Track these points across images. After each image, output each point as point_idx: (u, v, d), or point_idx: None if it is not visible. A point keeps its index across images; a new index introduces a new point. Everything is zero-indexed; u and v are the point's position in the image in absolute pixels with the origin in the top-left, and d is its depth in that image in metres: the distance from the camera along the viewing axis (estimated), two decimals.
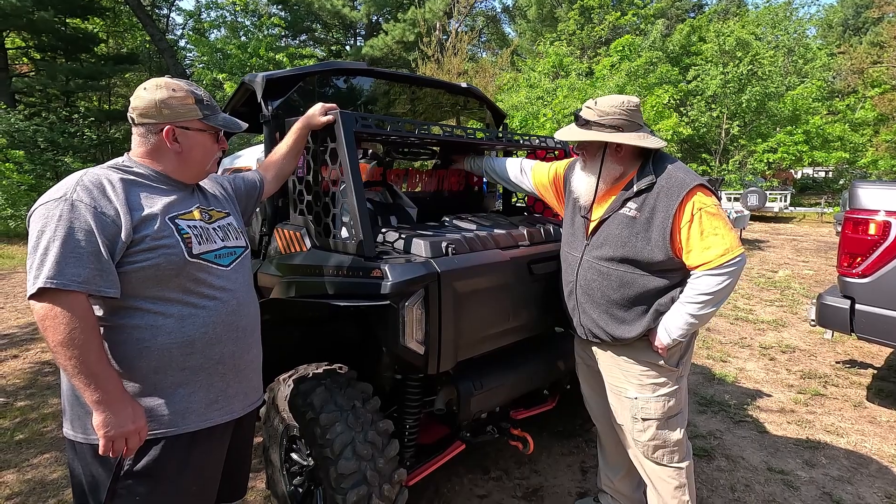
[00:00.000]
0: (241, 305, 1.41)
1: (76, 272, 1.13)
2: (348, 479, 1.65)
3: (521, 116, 12.08)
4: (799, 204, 19.14)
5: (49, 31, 15.83)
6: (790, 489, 2.49)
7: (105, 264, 1.17)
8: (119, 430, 1.17)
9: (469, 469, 2.59)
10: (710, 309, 1.64)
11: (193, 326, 1.29)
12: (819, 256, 9.32)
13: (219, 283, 1.35)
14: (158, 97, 1.30)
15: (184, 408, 1.29)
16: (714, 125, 16.11)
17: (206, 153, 1.40)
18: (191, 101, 1.34)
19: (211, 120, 1.38)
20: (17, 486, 2.46)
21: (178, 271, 1.27)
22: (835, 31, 32.75)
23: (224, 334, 1.35)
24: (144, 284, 1.24)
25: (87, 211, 1.17)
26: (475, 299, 1.76)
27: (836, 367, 4.07)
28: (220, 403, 1.36)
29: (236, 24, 17.19)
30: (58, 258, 1.12)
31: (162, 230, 1.26)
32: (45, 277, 1.11)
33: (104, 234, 1.17)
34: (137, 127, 1.33)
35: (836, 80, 26.04)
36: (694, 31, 18.42)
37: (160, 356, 1.25)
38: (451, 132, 2.18)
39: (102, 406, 1.16)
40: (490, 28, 29.06)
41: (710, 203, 1.64)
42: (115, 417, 1.17)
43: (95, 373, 1.15)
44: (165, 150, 1.34)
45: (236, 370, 1.40)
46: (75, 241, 1.14)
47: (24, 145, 12.94)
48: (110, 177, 1.25)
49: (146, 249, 1.23)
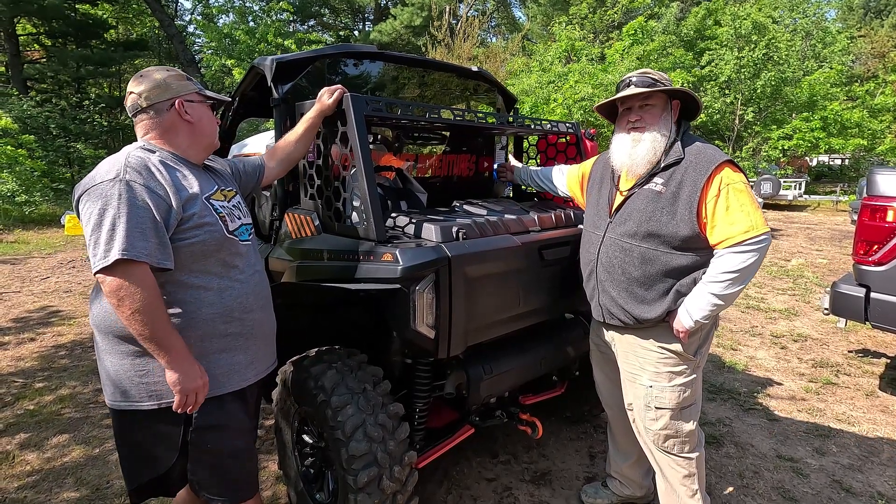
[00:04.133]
0: (262, 277, 1.57)
1: (143, 245, 1.23)
2: (359, 460, 1.67)
3: (531, 102, 11.94)
4: (814, 192, 18.80)
5: (59, 17, 15.87)
6: (799, 476, 2.49)
7: (163, 238, 1.28)
8: (191, 384, 1.31)
9: (478, 453, 2.61)
10: (735, 289, 1.60)
11: (231, 297, 1.43)
12: (833, 245, 9.18)
13: (246, 257, 1.50)
14: (161, 77, 1.42)
15: (228, 370, 1.44)
16: (728, 111, 15.80)
17: (211, 123, 1.53)
18: (184, 79, 1.47)
19: (205, 92, 1.52)
20: (37, 464, 2.52)
21: (219, 247, 1.40)
22: (855, 14, 31.82)
23: (254, 303, 1.50)
24: (191, 259, 1.36)
25: (142, 190, 1.26)
26: (485, 284, 1.75)
27: (848, 357, 4.03)
28: (255, 365, 1.53)
29: (245, 9, 17.09)
30: (126, 233, 1.21)
31: (204, 210, 1.38)
32: (120, 250, 1.20)
33: (159, 211, 1.28)
34: (145, 112, 1.41)
35: (855, 65, 25.37)
36: (709, 14, 17.99)
37: (205, 325, 1.38)
38: (461, 116, 2.15)
39: (175, 365, 1.28)
40: (500, 12, 28.60)
41: (737, 179, 1.61)
42: (186, 375, 1.30)
43: (167, 335, 1.27)
44: (179, 124, 1.44)
45: (263, 335, 1.57)
46: (138, 217, 1.24)
47: (37, 131, 13.07)
48: (150, 159, 1.35)
49: (194, 227, 1.35)
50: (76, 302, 5.37)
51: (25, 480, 2.39)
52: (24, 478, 2.41)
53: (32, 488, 2.34)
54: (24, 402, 3.15)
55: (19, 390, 3.31)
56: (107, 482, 2.38)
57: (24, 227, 10.50)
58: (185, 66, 18.42)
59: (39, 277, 6.41)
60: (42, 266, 7.07)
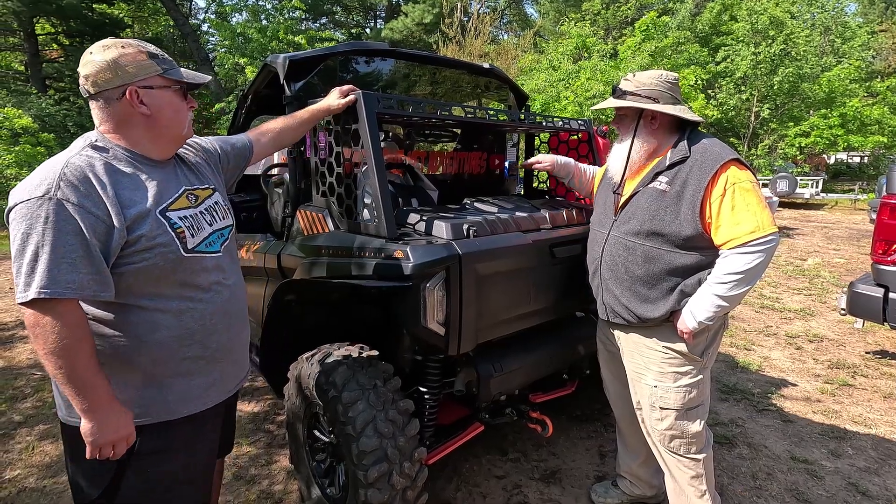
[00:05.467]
0: (233, 292, 1.39)
1: (70, 279, 1.06)
2: (369, 455, 1.68)
3: (542, 100, 11.87)
4: (831, 190, 18.42)
5: (77, 17, 16.14)
6: (814, 479, 2.45)
7: (99, 266, 1.10)
8: (105, 438, 1.16)
9: (488, 450, 2.62)
10: (740, 290, 1.57)
11: (192, 319, 1.27)
12: (851, 245, 9.01)
13: (213, 273, 1.32)
14: (109, 57, 1.16)
15: (184, 395, 1.29)
16: (743, 108, 15.56)
17: (176, 112, 1.27)
18: (144, 58, 1.20)
19: (172, 74, 1.24)
20: (55, 455, 2.58)
21: (175, 268, 1.22)
22: (876, 8, 31.05)
23: (220, 323, 1.34)
24: (140, 283, 1.19)
25: (75, 211, 1.07)
26: (496, 282, 1.75)
27: (865, 358, 3.96)
28: (217, 386, 1.37)
29: (257, 7, 17.21)
30: (49, 265, 1.05)
31: (155, 228, 1.19)
32: (38, 287, 1.04)
33: (96, 235, 1.10)
34: (95, 99, 1.19)
35: (876, 60, 24.80)
36: (725, 9, 17.70)
37: (159, 349, 1.23)
38: (473, 114, 2.15)
39: (90, 415, 1.14)
40: (512, 9, 28.45)
41: (744, 178, 1.58)
42: (101, 426, 1.15)
43: (84, 381, 1.11)
44: (133, 117, 1.21)
45: (230, 354, 1.40)
46: (67, 245, 1.06)
47: (55, 129, 13.30)
48: (94, 166, 1.14)
49: (141, 250, 1.17)
50: None
51: (45, 471, 2.45)
52: (43, 468, 2.47)
53: (51, 478, 2.39)
54: (42, 395, 3.22)
55: (38, 382, 3.38)
56: None
57: None
58: (199, 64, 18.62)
59: None
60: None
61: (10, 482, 2.36)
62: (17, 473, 2.42)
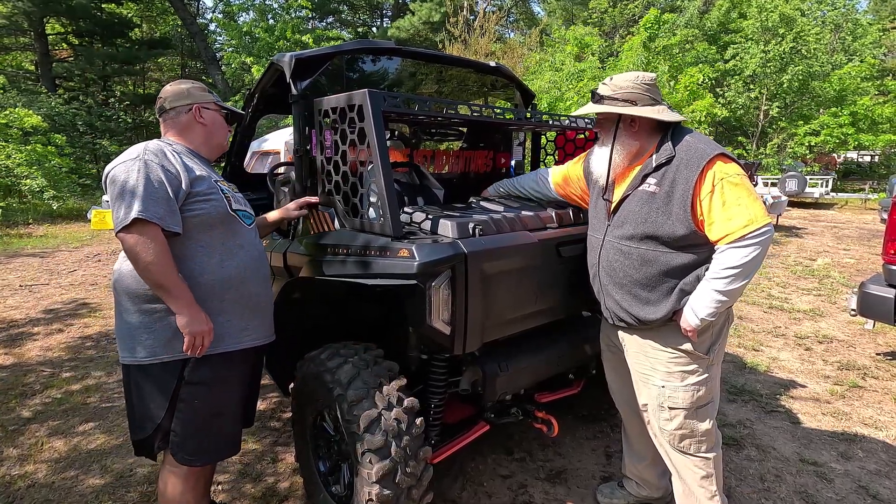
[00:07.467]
0: (261, 256, 1.79)
1: (156, 210, 1.46)
2: (374, 454, 1.68)
3: (547, 100, 11.83)
4: (841, 190, 18.21)
5: (87, 17, 16.30)
6: (823, 481, 2.43)
7: (173, 206, 1.51)
8: (198, 327, 1.51)
9: (493, 449, 2.61)
10: (738, 284, 1.56)
11: (230, 267, 1.64)
12: (861, 244, 8.91)
13: (247, 236, 1.72)
14: (185, 87, 1.74)
15: (222, 332, 1.62)
16: (752, 106, 15.42)
17: (223, 128, 1.82)
18: (205, 91, 1.78)
19: (220, 103, 1.81)
20: (64, 451, 2.60)
21: (222, 220, 1.63)
22: (889, 5, 30.61)
23: (252, 276, 1.70)
24: (196, 229, 1.58)
25: (157, 168, 1.51)
26: (502, 281, 1.75)
27: (876, 359, 3.91)
28: (249, 331, 1.70)
29: (264, 6, 17.28)
30: (143, 199, 1.44)
31: (211, 188, 1.63)
32: (137, 210, 1.42)
33: (171, 185, 1.51)
34: (167, 113, 1.71)
35: (887, 58, 24.48)
36: (734, 6, 17.54)
37: (205, 289, 1.58)
38: (479, 112, 2.14)
39: (185, 310, 1.49)
40: (518, 7, 28.36)
41: (731, 172, 1.57)
42: (193, 318, 1.50)
43: (176, 285, 1.48)
44: (194, 126, 1.72)
45: (260, 307, 1.76)
46: (153, 187, 1.48)
47: (65, 129, 13.44)
48: (167, 147, 1.61)
49: (200, 200, 1.58)
50: (102, 294, 5.52)
51: (54, 466, 2.48)
52: (52, 463, 2.50)
53: (60, 474, 2.42)
54: (51, 391, 3.25)
55: (47, 379, 3.42)
56: (130, 470, 2.44)
57: (52, 221, 10.83)
58: (206, 63, 18.75)
59: (67, 270, 6.61)
60: (69, 259, 7.27)
61: (20, 477, 2.38)
62: (26, 469, 2.45)
